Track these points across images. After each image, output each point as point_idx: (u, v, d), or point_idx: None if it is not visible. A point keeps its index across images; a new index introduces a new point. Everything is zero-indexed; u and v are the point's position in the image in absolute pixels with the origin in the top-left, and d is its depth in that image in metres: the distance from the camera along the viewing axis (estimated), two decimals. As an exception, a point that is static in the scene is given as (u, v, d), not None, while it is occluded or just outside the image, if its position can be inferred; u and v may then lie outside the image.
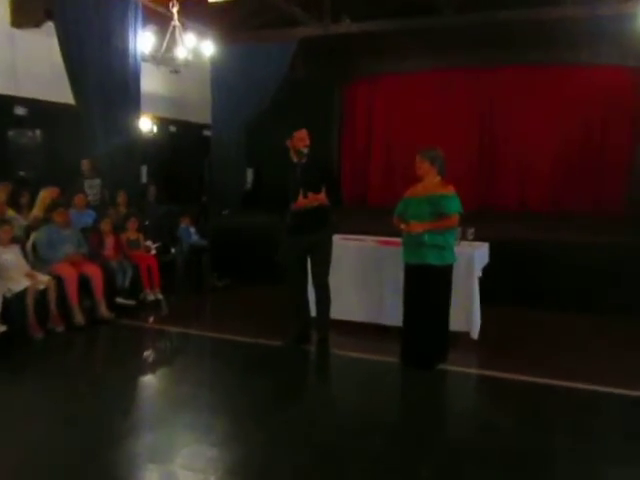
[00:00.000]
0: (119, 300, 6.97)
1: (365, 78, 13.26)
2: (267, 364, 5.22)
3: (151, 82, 9.53)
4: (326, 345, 5.49)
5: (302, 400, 4.61)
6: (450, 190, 4.96)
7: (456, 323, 5.48)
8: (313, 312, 5.68)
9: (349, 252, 6.11)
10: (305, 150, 5.28)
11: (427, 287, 4.92)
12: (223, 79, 10.36)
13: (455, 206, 4.91)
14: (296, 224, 5.27)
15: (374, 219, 8.66)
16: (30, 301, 5.85)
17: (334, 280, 5.56)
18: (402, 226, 4.99)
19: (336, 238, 5.72)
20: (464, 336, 5.67)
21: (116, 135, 8.46)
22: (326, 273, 5.45)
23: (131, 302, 7.07)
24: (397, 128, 13.03)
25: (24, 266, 6.18)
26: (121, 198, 8.24)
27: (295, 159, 5.34)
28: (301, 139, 5.30)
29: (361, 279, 6.12)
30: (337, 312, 5.79)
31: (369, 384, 4.82)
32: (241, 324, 6.43)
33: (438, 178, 5.01)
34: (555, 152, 11.68)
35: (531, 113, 11.80)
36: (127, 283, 7.13)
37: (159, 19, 8.82)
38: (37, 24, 8.26)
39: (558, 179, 11.69)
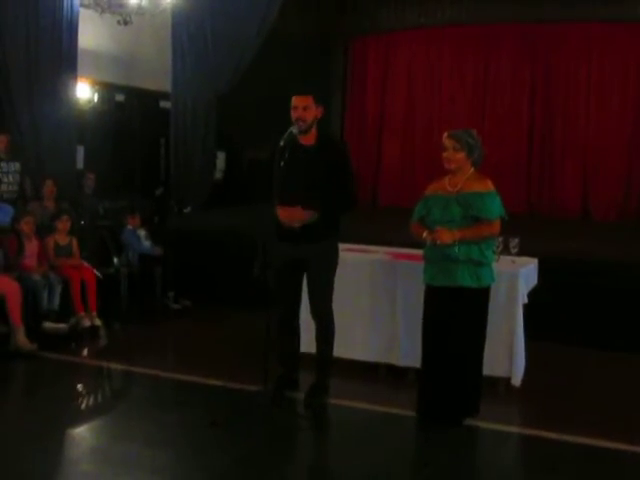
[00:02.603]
0: (47, 325, 7.00)
1: (379, 34, 13.37)
2: (239, 416, 5.22)
3: (92, 35, 9.59)
4: (324, 392, 5.50)
5: (286, 467, 4.62)
6: (488, 186, 4.99)
7: (492, 365, 5.51)
8: (303, 347, 5.71)
9: (352, 268, 6.12)
10: (296, 129, 5.15)
11: (455, 317, 4.96)
12: (188, 33, 10.43)
13: (496, 208, 4.95)
14: (284, 227, 5.22)
15: (387, 224, 8.72)
16: None
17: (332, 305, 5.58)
18: (424, 235, 5.01)
19: (335, 249, 5.75)
20: (502, 383, 5.72)
21: (43, 105, 8.50)
22: (328, 298, 5.44)
23: (62, 326, 7.10)
24: (420, 102, 13.14)
25: None
26: (48, 189, 8.27)
27: (282, 139, 5.16)
28: (293, 108, 5.19)
29: (368, 304, 6.15)
30: (335, 348, 5.81)
31: (375, 445, 4.83)
32: (205, 361, 6.44)
33: (471, 170, 5.06)
34: (632, 139, 11.76)
35: (600, 86, 11.89)
36: (56, 304, 7.15)
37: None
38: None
39: (636, 177, 11.76)
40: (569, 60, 12.11)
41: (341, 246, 6.10)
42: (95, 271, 7.69)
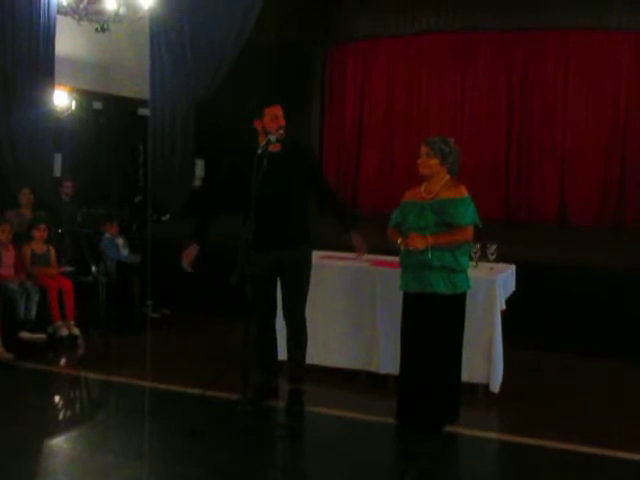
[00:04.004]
0: (24, 335, 6.94)
1: (358, 42, 13.40)
2: (218, 425, 5.20)
3: (69, 43, 9.55)
4: (300, 400, 5.50)
5: (265, 476, 4.61)
6: (461, 192, 5.02)
7: (471, 372, 5.54)
8: (281, 354, 5.71)
9: (332, 275, 6.15)
10: (274, 137, 5.23)
11: (432, 323, 4.98)
12: (166, 41, 10.41)
13: (469, 214, 4.97)
14: (261, 235, 5.21)
15: (366, 230, 8.71)
16: None
17: (310, 312, 5.59)
18: (399, 241, 5.04)
19: (314, 256, 5.76)
20: (481, 389, 5.74)
21: (20, 113, 8.46)
22: (302, 303, 5.48)
23: (40, 336, 7.05)
24: (398, 109, 13.18)
25: None
26: (25, 197, 8.22)
27: (260, 147, 5.24)
28: (274, 118, 5.28)
29: (347, 312, 6.15)
30: (314, 355, 5.83)
31: (355, 453, 4.83)
32: (184, 370, 6.43)
33: (447, 177, 5.09)
34: (608, 145, 11.85)
35: (577, 93, 11.99)
36: (33, 313, 7.10)
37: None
38: None
39: (612, 182, 11.85)
40: (546, 67, 12.19)
41: (320, 253, 6.13)
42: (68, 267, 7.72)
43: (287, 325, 5.54)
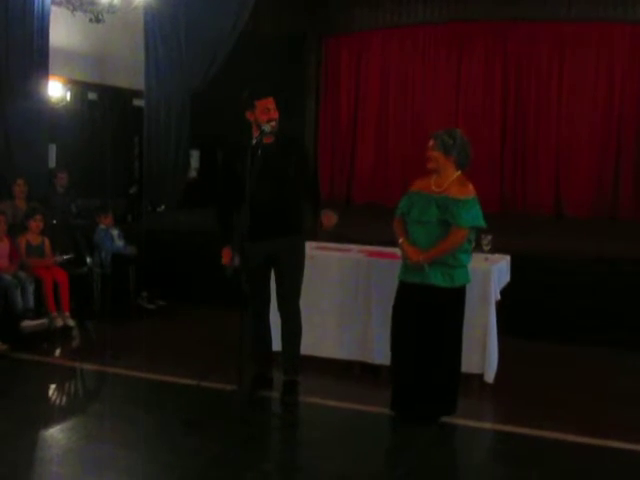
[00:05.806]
0: (27, 324, 6.93)
1: (352, 33, 13.40)
2: (214, 416, 5.22)
3: (64, 33, 9.51)
4: (295, 390, 5.52)
5: (261, 467, 4.60)
6: (468, 192, 4.95)
7: (465, 362, 5.48)
8: (275, 345, 5.72)
9: (326, 266, 6.14)
10: (269, 127, 5.24)
11: (429, 314, 4.95)
12: (161, 31, 10.38)
13: (470, 217, 4.90)
14: (256, 226, 5.21)
15: (361, 221, 8.73)
16: None
17: (305, 303, 5.60)
18: (400, 241, 5.03)
19: (309, 247, 5.75)
20: (476, 379, 5.75)
21: (15, 104, 8.43)
22: (296, 294, 5.49)
23: (42, 322, 7.07)
24: (393, 100, 13.19)
25: None
26: (19, 188, 8.20)
27: (255, 138, 5.27)
28: (265, 110, 5.28)
29: (342, 302, 6.15)
30: (308, 346, 5.82)
31: (350, 443, 4.84)
32: (179, 360, 6.42)
33: (457, 173, 5.01)
34: (603, 137, 11.86)
35: (572, 85, 11.99)
36: (31, 302, 7.08)
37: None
38: None
39: (607, 174, 11.86)
40: (541, 59, 12.20)
41: (314, 244, 6.13)
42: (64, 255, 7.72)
43: (281, 316, 5.55)
